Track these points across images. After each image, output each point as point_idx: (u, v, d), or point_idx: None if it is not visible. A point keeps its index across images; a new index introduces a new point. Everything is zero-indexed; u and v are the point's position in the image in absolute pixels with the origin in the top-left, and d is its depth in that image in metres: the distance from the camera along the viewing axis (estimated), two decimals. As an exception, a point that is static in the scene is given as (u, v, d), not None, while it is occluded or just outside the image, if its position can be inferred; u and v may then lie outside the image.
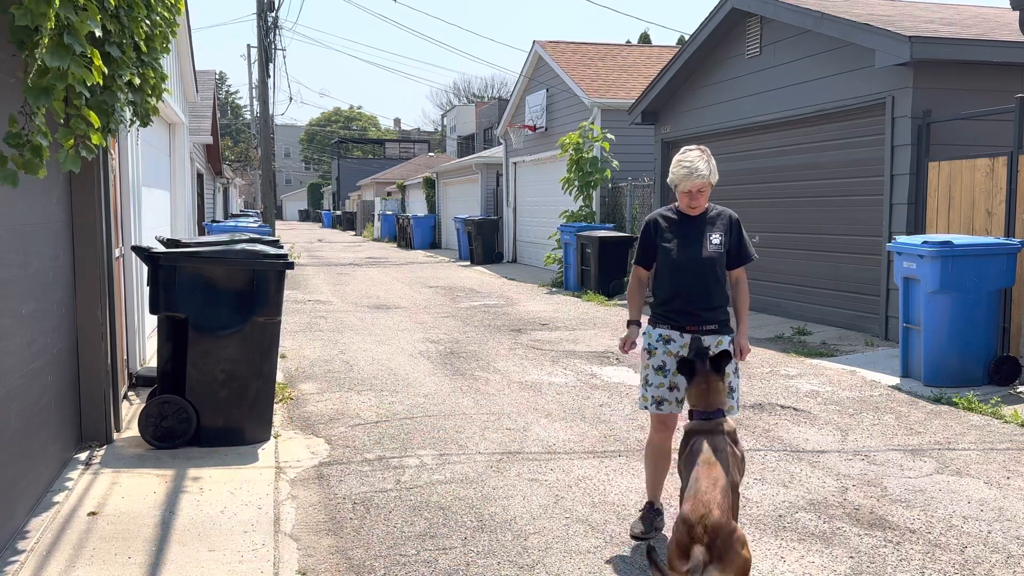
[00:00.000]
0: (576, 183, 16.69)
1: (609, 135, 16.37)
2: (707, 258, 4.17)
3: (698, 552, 3.17)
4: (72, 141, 3.64)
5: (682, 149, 4.28)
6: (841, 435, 6.10)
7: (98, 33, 3.51)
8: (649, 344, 4.26)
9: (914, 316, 7.67)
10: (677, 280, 4.20)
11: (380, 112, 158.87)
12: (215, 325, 5.60)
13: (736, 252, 4.28)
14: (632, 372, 8.28)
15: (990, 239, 7.54)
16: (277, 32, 25.95)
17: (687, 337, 4.17)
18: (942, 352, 7.42)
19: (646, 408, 4.27)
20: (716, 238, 4.21)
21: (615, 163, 16.66)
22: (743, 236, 4.32)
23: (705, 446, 3.60)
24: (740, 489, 4.90)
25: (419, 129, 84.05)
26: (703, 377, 3.83)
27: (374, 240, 39.93)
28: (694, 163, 4.13)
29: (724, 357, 3.86)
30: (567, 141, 16.67)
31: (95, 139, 3.77)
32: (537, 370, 8.45)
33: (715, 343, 4.16)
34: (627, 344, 4.32)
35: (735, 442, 3.79)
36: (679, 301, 4.20)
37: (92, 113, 3.67)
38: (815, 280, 11.12)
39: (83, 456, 5.33)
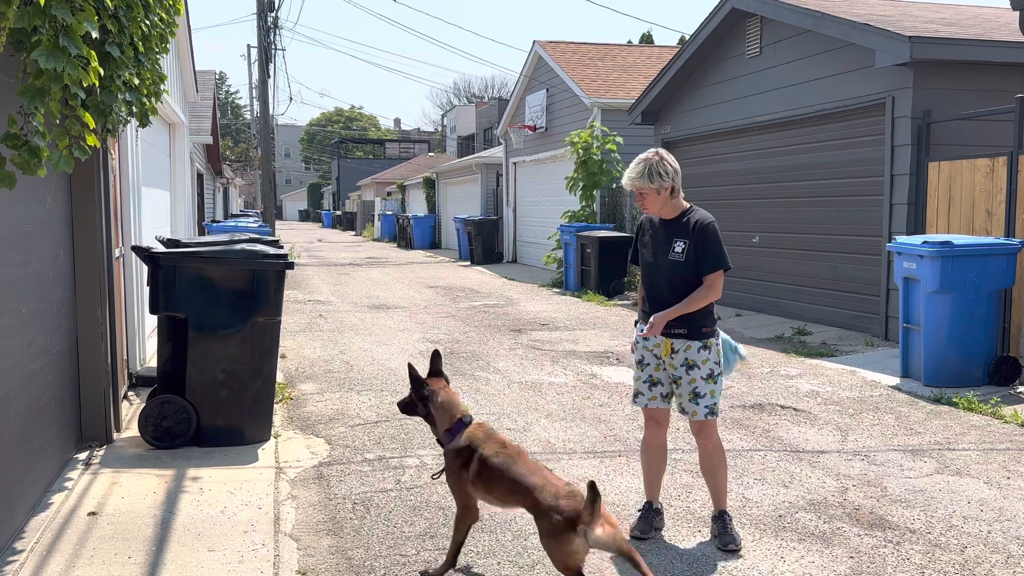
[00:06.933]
0: (581, 183, 16.69)
1: (618, 138, 16.37)
2: (669, 262, 4.18)
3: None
4: (67, 142, 3.63)
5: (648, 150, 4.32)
6: (841, 435, 6.10)
7: (95, 34, 3.51)
8: (636, 339, 4.39)
9: (914, 316, 7.67)
10: (647, 282, 4.32)
11: (380, 112, 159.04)
12: (215, 325, 5.60)
13: (701, 259, 4.12)
14: (632, 372, 8.27)
15: (990, 239, 7.53)
16: (277, 32, 25.98)
17: (659, 338, 4.23)
18: (942, 352, 7.42)
19: (634, 403, 4.42)
20: (679, 245, 4.17)
21: (621, 165, 16.65)
22: (708, 244, 4.11)
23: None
24: (740, 489, 4.93)
25: (419, 129, 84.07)
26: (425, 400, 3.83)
27: (374, 240, 39.92)
28: (631, 167, 4.20)
29: (421, 386, 3.81)
30: (575, 140, 16.62)
31: (91, 140, 3.76)
32: (537, 370, 8.45)
33: (684, 347, 4.18)
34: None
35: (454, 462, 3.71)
36: (648, 302, 4.31)
37: (87, 114, 3.67)
38: (815, 280, 11.12)
39: (83, 456, 5.33)
